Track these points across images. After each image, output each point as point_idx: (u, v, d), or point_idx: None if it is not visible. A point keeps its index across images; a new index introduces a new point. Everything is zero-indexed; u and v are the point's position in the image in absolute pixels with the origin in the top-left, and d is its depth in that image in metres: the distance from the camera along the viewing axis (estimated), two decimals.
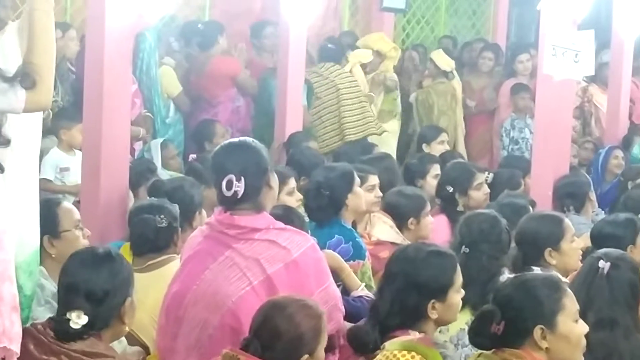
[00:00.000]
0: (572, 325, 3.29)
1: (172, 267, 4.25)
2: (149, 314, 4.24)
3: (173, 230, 4.61)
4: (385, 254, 4.45)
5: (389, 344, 3.34)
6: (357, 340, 3.52)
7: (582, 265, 4.20)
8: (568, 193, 6.46)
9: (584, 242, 5.57)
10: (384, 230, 5.24)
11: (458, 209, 5.82)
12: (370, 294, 4.16)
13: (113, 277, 3.49)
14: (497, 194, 5.93)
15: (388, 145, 8.80)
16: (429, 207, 5.49)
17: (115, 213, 5.33)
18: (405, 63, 10.00)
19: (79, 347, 3.39)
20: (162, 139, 7.49)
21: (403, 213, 5.35)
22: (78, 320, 3.38)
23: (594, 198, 6.89)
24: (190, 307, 3.70)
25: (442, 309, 3.54)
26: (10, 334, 3.29)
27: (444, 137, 7.92)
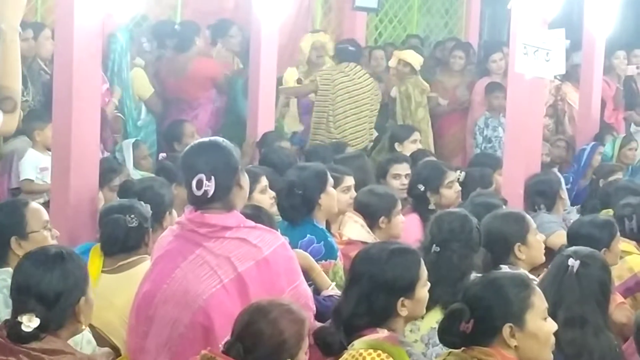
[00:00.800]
0: (540, 323, 3.29)
1: (143, 267, 4.22)
2: (120, 315, 4.23)
3: (144, 231, 4.58)
4: None
5: (357, 343, 3.34)
6: (322, 342, 3.51)
7: (551, 264, 4.21)
8: (539, 191, 6.47)
9: (558, 239, 5.61)
10: (355, 230, 5.23)
11: (430, 208, 5.81)
12: (340, 293, 4.14)
13: (65, 277, 3.43)
14: (468, 192, 5.92)
15: None
16: (400, 206, 5.49)
17: (85, 213, 5.29)
18: (372, 62, 9.97)
19: (37, 345, 3.35)
20: (133, 139, 7.46)
21: (374, 212, 5.33)
22: (29, 324, 3.33)
23: (565, 196, 6.90)
24: (161, 306, 3.68)
25: (411, 305, 3.53)
26: None
27: (417, 136, 7.93)
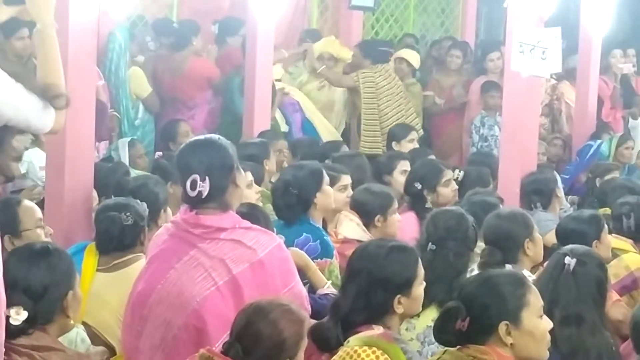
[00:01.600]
0: (536, 321, 3.29)
1: (138, 266, 4.22)
2: (114, 314, 4.22)
3: (139, 229, 4.57)
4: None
5: (352, 340, 3.33)
6: (319, 337, 3.50)
7: (548, 262, 4.21)
8: (535, 190, 6.47)
9: (552, 238, 5.60)
10: (351, 228, 5.22)
11: (426, 206, 5.80)
12: (336, 292, 4.13)
13: (51, 270, 3.48)
14: (466, 191, 5.92)
15: None
16: (397, 204, 5.48)
17: (80, 212, 5.27)
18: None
19: (27, 342, 3.36)
20: (129, 138, 7.44)
21: (370, 210, 5.32)
22: (17, 317, 3.35)
23: (561, 195, 6.90)
24: (155, 306, 3.67)
25: (407, 303, 3.53)
26: None
27: (414, 135, 7.93)
